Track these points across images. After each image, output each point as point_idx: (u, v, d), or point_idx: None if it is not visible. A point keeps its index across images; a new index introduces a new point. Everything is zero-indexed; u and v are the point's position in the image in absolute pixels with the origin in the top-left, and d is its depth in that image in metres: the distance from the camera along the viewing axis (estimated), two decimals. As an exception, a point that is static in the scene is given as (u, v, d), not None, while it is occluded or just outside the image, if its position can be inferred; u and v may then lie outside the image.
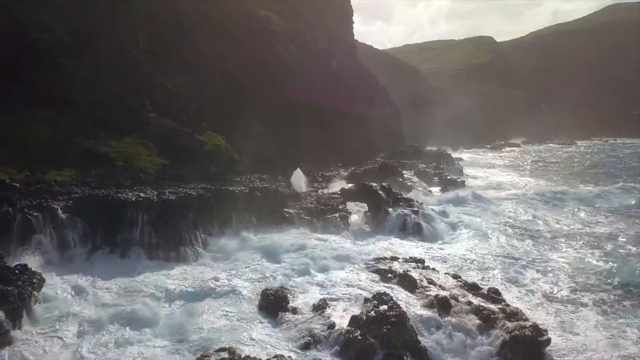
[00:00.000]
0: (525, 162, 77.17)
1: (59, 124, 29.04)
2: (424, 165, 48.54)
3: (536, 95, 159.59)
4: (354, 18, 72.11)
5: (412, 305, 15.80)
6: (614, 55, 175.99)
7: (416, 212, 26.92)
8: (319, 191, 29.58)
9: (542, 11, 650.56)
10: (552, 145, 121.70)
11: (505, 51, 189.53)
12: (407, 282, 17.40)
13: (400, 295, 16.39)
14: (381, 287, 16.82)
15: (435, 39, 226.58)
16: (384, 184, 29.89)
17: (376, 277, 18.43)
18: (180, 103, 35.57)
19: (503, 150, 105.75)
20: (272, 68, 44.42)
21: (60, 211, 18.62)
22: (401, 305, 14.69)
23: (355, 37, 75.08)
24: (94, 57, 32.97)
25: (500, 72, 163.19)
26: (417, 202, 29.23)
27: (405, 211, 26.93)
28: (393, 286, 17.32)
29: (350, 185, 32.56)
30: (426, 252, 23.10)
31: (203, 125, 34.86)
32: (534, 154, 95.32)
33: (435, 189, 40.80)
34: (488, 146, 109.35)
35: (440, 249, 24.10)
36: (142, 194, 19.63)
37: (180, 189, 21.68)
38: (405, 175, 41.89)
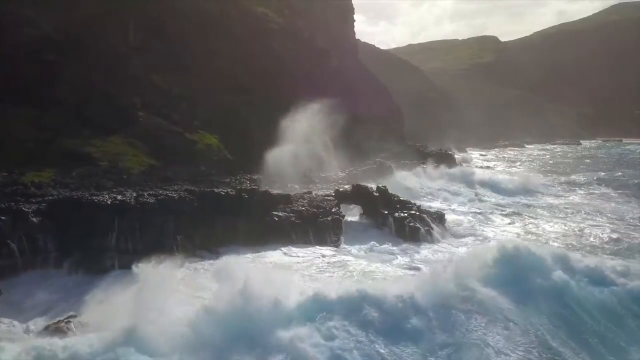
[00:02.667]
0: (528, 162, 75.76)
1: (43, 123, 28.17)
2: (425, 166, 47.42)
3: (541, 95, 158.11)
4: (358, 18, 71.60)
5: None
6: (619, 55, 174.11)
7: (413, 216, 25.66)
8: (313, 192, 28.35)
9: (546, 11, 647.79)
10: (556, 145, 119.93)
11: (510, 51, 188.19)
12: (400, 293, 16.17)
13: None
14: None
15: (439, 39, 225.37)
16: (380, 185, 28.68)
17: (368, 284, 17.16)
18: (172, 101, 34.55)
19: (507, 150, 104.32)
20: (270, 66, 43.26)
21: (31, 215, 17.52)
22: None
23: (360, 38, 74.22)
24: (83, 54, 31.99)
25: (504, 71, 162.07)
26: (415, 204, 28.04)
27: (402, 215, 25.69)
28: (384, 297, 16.09)
29: (346, 186, 31.38)
30: (423, 258, 21.89)
31: (195, 124, 33.78)
32: (537, 154, 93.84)
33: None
34: (491, 146, 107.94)
35: (438, 254, 22.84)
36: (119, 197, 18.42)
37: (161, 191, 20.44)
38: (405, 176, 40.63)
